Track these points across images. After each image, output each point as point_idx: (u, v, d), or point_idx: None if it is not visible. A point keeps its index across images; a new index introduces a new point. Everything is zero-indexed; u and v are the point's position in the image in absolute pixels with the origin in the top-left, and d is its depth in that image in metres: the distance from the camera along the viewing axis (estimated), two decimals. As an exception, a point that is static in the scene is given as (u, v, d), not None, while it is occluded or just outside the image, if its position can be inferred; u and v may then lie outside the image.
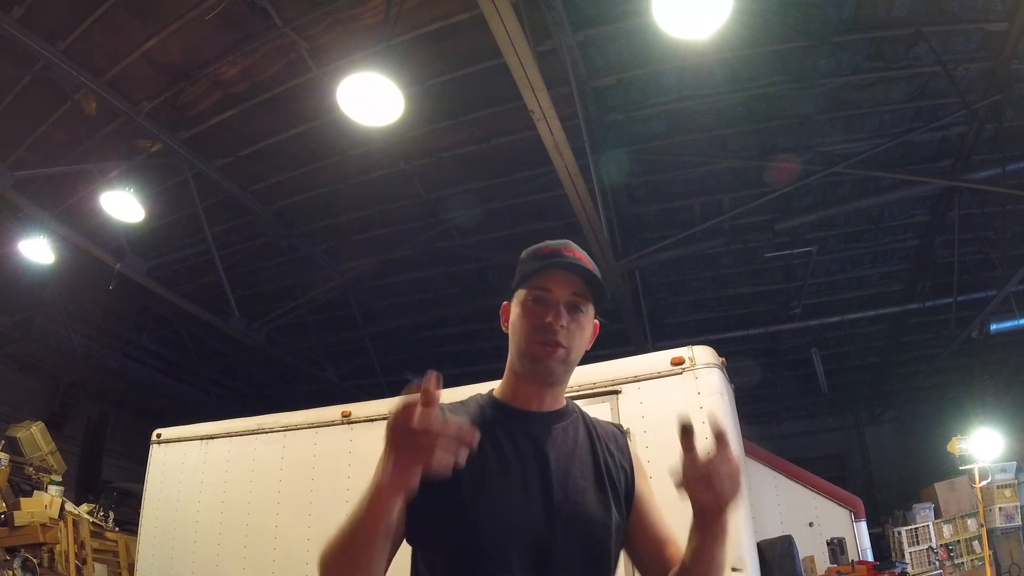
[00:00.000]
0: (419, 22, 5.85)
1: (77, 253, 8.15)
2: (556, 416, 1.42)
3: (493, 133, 7.13)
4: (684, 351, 3.99)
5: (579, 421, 1.46)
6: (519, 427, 1.37)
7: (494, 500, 1.26)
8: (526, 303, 1.39)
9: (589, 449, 1.41)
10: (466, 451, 1.07)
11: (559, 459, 1.35)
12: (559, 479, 1.32)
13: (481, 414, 1.39)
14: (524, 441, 1.35)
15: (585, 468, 1.38)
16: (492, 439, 1.32)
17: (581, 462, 1.38)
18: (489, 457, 1.30)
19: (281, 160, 7.56)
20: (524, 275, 1.41)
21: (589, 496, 1.34)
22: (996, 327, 8.73)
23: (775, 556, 4.06)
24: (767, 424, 14.16)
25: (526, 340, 1.36)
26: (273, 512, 5.04)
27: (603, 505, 1.35)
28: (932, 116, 6.83)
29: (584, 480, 1.36)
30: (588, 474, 1.37)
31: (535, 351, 1.35)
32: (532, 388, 1.40)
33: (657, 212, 8.42)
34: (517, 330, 1.39)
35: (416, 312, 10.16)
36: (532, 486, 1.30)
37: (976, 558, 8.63)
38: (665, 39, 5.20)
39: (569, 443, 1.39)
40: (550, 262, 1.38)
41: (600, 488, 1.37)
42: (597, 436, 1.45)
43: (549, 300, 1.37)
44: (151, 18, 5.89)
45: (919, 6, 5.73)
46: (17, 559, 6.58)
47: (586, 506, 1.32)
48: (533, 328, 1.36)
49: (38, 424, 9.10)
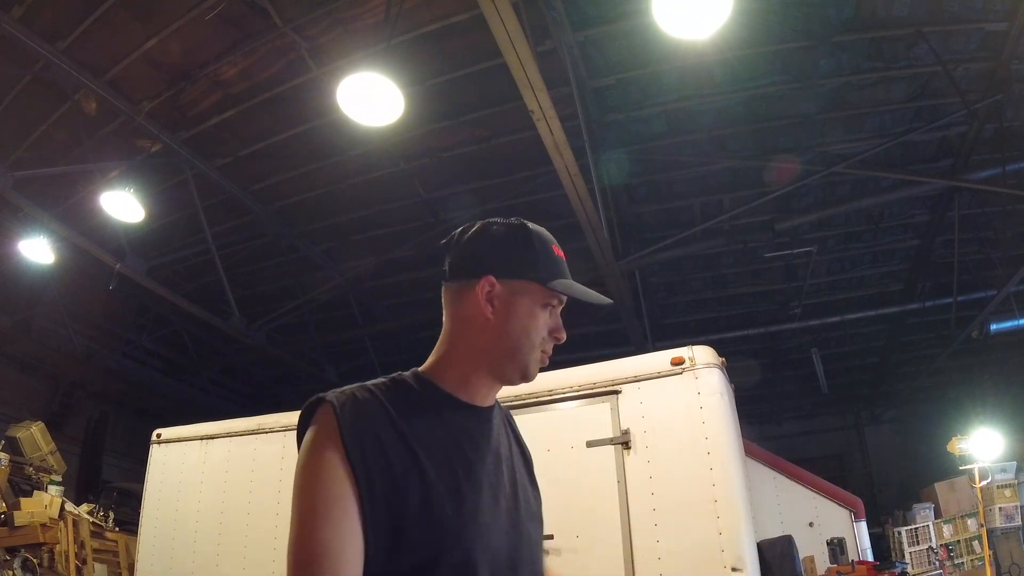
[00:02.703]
0: (419, 22, 5.85)
1: (77, 253, 8.15)
2: (494, 409, 1.29)
3: (493, 133, 7.13)
4: (684, 351, 3.98)
5: (498, 409, 1.33)
6: (474, 428, 1.21)
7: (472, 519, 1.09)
8: (542, 304, 1.23)
9: (515, 442, 1.34)
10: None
11: (509, 463, 1.26)
12: (517, 487, 1.25)
13: (429, 406, 1.17)
14: (484, 444, 1.21)
15: (520, 466, 1.31)
16: (452, 439, 1.15)
17: (518, 460, 1.31)
18: (457, 470, 1.12)
19: (281, 160, 7.56)
20: (551, 273, 1.23)
21: (532, 498, 1.29)
22: (996, 327, 8.74)
23: (775, 556, 4.06)
24: (767, 424, 14.17)
25: (532, 347, 1.21)
26: (273, 512, 5.04)
27: (539, 503, 1.31)
28: (932, 116, 6.83)
29: (526, 482, 1.30)
30: (524, 472, 1.31)
31: (537, 362, 1.24)
32: (491, 384, 1.25)
33: (657, 212, 8.42)
34: (521, 330, 1.21)
35: (416, 312, 10.16)
36: (498, 502, 1.17)
37: (976, 558, 8.63)
38: (665, 39, 5.19)
39: (506, 440, 1.30)
40: (587, 294, 1.25)
41: (533, 485, 1.32)
42: (509, 424, 1.36)
43: (558, 311, 1.26)
44: (151, 18, 5.89)
45: (919, 6, 5.73)
46: (17, 559, 6.58)
47: (531, 507, 1.27)
48: (544, 339, 1.23)
49: (38, 424, 9.09)
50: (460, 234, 1.27)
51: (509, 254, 1.22)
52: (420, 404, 1.16)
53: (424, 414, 1.14)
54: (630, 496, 3.80)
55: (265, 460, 5.30)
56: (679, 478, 3.71)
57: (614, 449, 3.91)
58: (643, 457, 3.82)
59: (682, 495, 3.68)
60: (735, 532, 3.53)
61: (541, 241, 1.25)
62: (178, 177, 7.59)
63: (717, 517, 3.55)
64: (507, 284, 1.21)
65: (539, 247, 1.24)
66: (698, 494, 3.60)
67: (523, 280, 1.21)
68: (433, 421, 1.15)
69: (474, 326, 1.21)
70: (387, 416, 1.10)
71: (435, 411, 1.16)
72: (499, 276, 1.20)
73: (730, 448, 3.72)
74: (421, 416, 1.13)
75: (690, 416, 3.76)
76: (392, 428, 1.09)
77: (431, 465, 1.08)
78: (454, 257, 1.26)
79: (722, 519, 3.54)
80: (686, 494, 3.67)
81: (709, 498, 3.59)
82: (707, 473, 3.63)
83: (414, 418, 1.12)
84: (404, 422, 1.10)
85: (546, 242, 1.26)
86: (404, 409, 1.12)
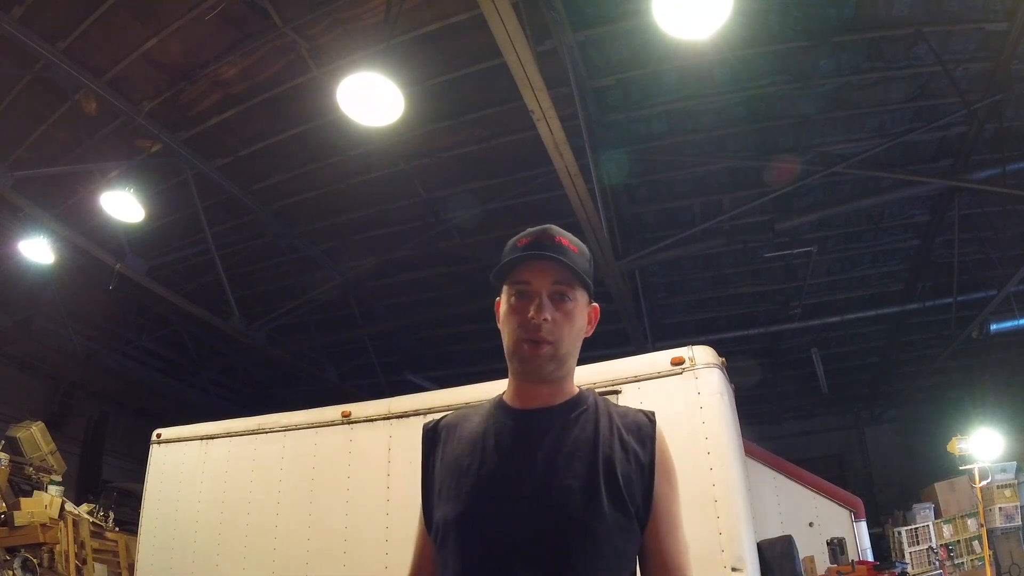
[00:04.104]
0: (419, 22, 5.85)
1: (77, 253, 8.15)
2: (559, 411, 1.33)
3: (493, 133, 7.13)
4: (684, 351, 3.98)
5: (592, 413, 1.34)
6: (508, 427, 1.33)
7: (457, 499, 1.28)
8: (509, 300, 1.33)
9: (592, 444, 1.29)
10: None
11: (549, 460, 1.26)
12: (540, 478, 1.24)
13: (487, 415, 1.39)
14: (508, 440, 1.30)
15: (578, 465, 1.26)
16: (490, 434, 1.34)
17: (574, 459, 1.26)
18: (466, 456, 1.33)
19: (281, 160, 7.56)
20: (504, 269, 1.34)
21: (574, 496, 1.23)
22: (996, 327, 8.74)
23: (775, 556, 4.06)
24: (767, 424, 14.16)
25: (512, 340, 1.31)
26: (273, 512, 5.04)
27: (592, 505, 1.23)
28: (932, 116, 6.83)
29: (572, 479, 1.24)
30: (580, 472, 1.25)
31: (522, 351, 1.29)
32: (528, 386, 1.34)
33: (657, 212, 8.43)
34: (503, 329, 1.34)
35: (416, 312, 10.16)
36: (502, 484, 1.26)
37: (976, 558, 8.63)
38: (665, 39, 5.20)
39: (568, 439, 1.29)
40: (525, 254, 1.31)
41: (592, 487, 1.24)
42: (613, 428, 1.32)
43: (531, 293, 1.30)
44: (151, 18, 5.89)
45: (919, 6, 5.73)
46: (17, 559, 6.57)
47: (565, 506, 1.22)
48: (518, 326, 1.29)
49: (38, 424, 9.08)
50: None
51: (498, 270, 1.37)
52: (484, 414, 1.40)
53: (479, 422, 1.39)
54: (630, 496, 3.78)
55: (265, 460, 5.29)
56: (679, 478, 3.69)
57: (614, 449, 3.89)
58: (643, 457, 3.80)
59: (682, 495, 3.67)
60: (735, 532, 3.53)
61: (509, 245, 1.38)
62: (178, 177, 7.59)
63: (717, 517, 3.54)
64: (501, 296, 1.39)
65: (507, 251, 1.38)
66: (698, 494, 3.59)
67: (501, 287, 1.38)
68: (479, 425, 1.38)
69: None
70: (453, 428, 1.42)
71: (488, 415, 1.39)
72: (498, 293, 1.39)
73: (730, 448, 3.72)
74: (476, 423, 1.39)
75: (690, 416, 3.76)
76: (454, 435, 1.40)
77: (453, 456, 1.35)
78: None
79: (722, 519, 3.54)
80: (686, 494, 3.62)
81: (709, 498, 3.58)
82: (707, 473, 3.63)
83: (471, 426, 1.39)
84: (463, 430, 1.39)
85: (513, 241, 1.38)
86: (473, 419, 1.41)
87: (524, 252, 1.32)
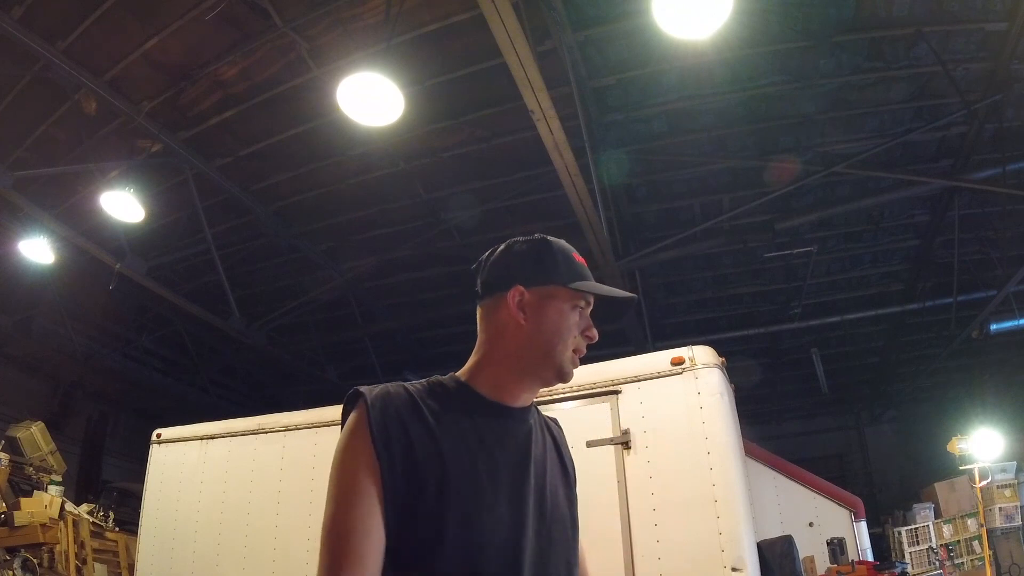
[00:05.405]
0: (419, 22, 5.85)
1: (77, 253, 8.15)
2: (529, 411, 1.34)
3: (493, 133, 7.13)
4: (684, 351, 3.98)
5: (536, 414, 1.38)
6: (502, 426, 1.26)
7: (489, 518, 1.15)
8: (574, 306, 1.30)
9: (554, 446, 1.38)
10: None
11: (540, 464, 1.29)
12: (546, 488, 1.28)
13: (459, 404, 1.25)
14: (510, 442, 1.26)
15: (555, 469, 1.34)
16: (476, 434, 1.22)
17: (553, 463, 1.34)
18: (478, 462, 1.19)
19: (281, 160, 7.56)
20: (573, 276, 1.31)
21: (562, 500, 1.32)
22: (996, 327, 8.74)
23: (775, 556, 4.06)
24: (767, 424, 14.18)
25: (564, 346, 1.28)
26: (273, 512, 5.04)
27: (572, 507, 1.36)
28: (932, 116, 6.83)
29: (559, 484, 1.33)
30: (558, 475, 1.34)
31: (573, 361, 1.31)
32: (525, 386, 1.31)
33: (657, 212, 8.43)
34: (553, 331, 1.28)
35: (416, 312, 10.16)
36: (522, 499, 1.21)
37: (976, 558, 8.64)
38: (665, 39, 5.19)
39: (541, 442, 1.33)
40: (622, 294, 1.35)
41: (568, 488, 1.36)
42: (548, 428, 1.40)
43: (587, 312, 1.34)
44: (151, 18, 5.89)
45: (919, 6, 5.73)
46: (17, 559, 6.58)
47: (562, 510, 1.31)
48: (580, 334, 1.31)
49: (38, 424, 9.09)
50: (487, 256, 1.38)
51: (534, 264, 1.32)
52: (450, 401, 1.24)
53: (452, 410, 1.22)
54: (630, 496, 3.79)
55: (265, 460, 5.29)
56: (679, 478, 3.70)
57: (614, 449, 3.91)
58: (643, 457, 3.82)
59: (682, 495, 3.68)
60: (735, 532, 3.53)
61: (562, 250, 1.35)
62: (178, 177, 7.59)
63: (717, 517, 3.55)
64: (535, 291, 1.29)
65: (560, 256, 1.34)
66: (698, 494, 3.60)
67: (549, 286, 1.30)
68: (460, 417, 1.22)
69: (507, 333, 1.29)
70: (416, 408, 1.19)
71: (464, 408, 1.24)
72: (527, 285, 1.29)
73: (730, 448, 3.72)
74: (449, 412, 1.22)
75: (690, 416, 3.76)
76: (419, 419, 1.18)
77: (452, 455, 1.16)
78: (484, 276, 1.36)
79: (722, 519, 3.54)
80: (686, 494, 3.67)
81: (709, 498, 3.58)
82: (707, 473, 3.63)
83: (443, 413, 1.21)
84: (432, 415, 1.19)
85: (567, 251, 1.36)
86: (434, 404, 1.22)
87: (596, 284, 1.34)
